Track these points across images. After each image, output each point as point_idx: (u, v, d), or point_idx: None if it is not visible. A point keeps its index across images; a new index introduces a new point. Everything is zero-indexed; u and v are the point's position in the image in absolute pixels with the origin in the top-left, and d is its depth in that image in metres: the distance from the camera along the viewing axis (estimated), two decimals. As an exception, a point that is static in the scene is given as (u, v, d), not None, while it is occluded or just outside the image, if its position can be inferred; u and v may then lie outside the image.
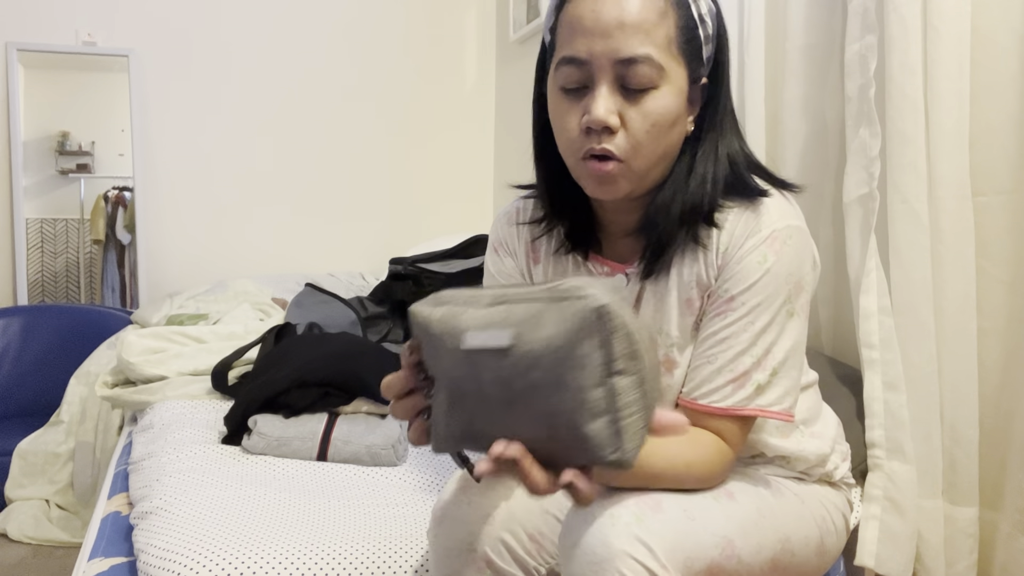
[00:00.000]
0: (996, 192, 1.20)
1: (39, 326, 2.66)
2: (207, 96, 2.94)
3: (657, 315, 0.92)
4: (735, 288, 0.87)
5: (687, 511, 0.82)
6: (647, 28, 0.81)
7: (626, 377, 0.64)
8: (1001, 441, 1.21)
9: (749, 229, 0.87)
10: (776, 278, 0.86)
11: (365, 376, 1.52)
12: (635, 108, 0.82)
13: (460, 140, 3.31)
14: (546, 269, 1.01)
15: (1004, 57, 1.18)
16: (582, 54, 0.82)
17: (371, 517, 1.16)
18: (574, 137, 0.85)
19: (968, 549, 1.21)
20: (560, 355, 0.63)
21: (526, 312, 0.65)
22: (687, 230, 0.88)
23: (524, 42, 3.04)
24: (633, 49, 0.81)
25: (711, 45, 0.87)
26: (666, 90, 0.83)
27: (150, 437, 1.50)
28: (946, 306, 1.20)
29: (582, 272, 0.98)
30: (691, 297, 0.91)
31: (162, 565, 1.00)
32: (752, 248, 0.87)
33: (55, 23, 2.77)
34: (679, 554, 0.78)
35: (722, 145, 0.89)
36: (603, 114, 0.82)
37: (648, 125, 0.83)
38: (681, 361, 0.92)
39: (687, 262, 0.90)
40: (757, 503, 0.90)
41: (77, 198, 2.93)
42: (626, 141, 0.83)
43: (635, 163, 0.84)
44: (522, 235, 1.03)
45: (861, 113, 1.25)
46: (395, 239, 3.15)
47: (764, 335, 0.87)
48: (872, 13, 1.23)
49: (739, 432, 0.89)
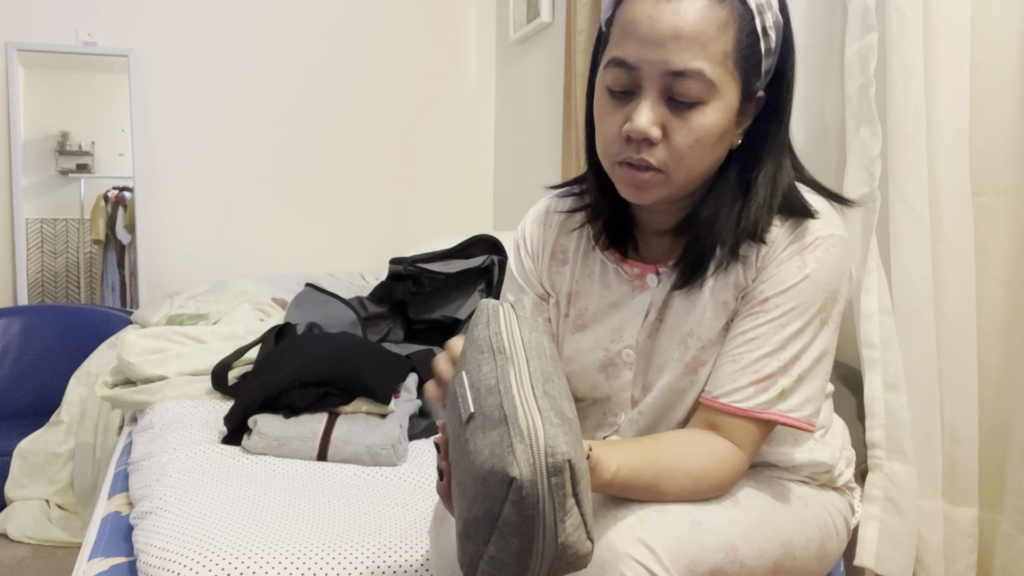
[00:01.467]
0: (996, 192, 1.20)
1: (39, 326, 2.66)
2: (207, 96, 2.94)
3: (688, 317, 0.91)
4: (771, 290, 0.86)
5: (692, 515, 0.82)
6: (703, 41, 0.77)
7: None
8: (1001, 441, 1.21)
9: (793, 235, 0.86)
10: (815, 285, 0.85)
11: (365, 376, 1.52)
12: (680, 121, 0.80)
13: (460, 140, 3.31)
14: (573, 270, 0.99)
15: (1004, 57, 1.18)
16: (632, 59, 0.80)
17: (371, 517, 1.16)
18: (613, 141, 0.83)
19: (968, 549, 1.21)
20: (480, 482, 0.66)
21: (490, 409, 0.68)
22: (731, 248, 0.86)
23: (524, 42, 3.04)
24: (685, 63, 0.77)
25: (772, 58, 0.83)
26: (715, 106, 0.80)
27: (150, 437, 1.50)
28: (946, 306, 1.20)
29: (609, 274, 0.96)
30: (727, 300, 0.89)
31: (162, 565, 1.00)
32: (794, 252, 0.86)
33: (55, 23, 2.77)
34: (683, 558, 0.77)
35: (782, 168, 0.86)
36: (645, 125, 0.79)
37: (692, 140, 0.80)
38: (709, 361, 0.90)
39: (731, 266, 0.88)
40: (761, 507, 0.89)
41: (77, 198, 2.93)
42: (666, 154, 0.81)
43: (674, 176, 0.82)
44: (548, 236, 1.01)
45: (861, 112, 1.25)
46: (395, 239, 3.15)
47: (795, 340, 0.86)
48: (873, 12, 1.23)
49: (757, 436, 0.87)
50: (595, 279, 0.97)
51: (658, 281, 0.93)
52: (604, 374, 0.96)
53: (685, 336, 0.91)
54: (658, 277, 0.93)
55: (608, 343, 0.95)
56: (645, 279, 0.93)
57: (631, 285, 0.94)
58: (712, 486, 0.85)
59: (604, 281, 0.96)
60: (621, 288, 0.95)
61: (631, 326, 0.94)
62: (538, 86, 2.94)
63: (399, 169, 3.22)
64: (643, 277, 0.93)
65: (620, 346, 0.95)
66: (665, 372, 0.92)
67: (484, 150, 3.36)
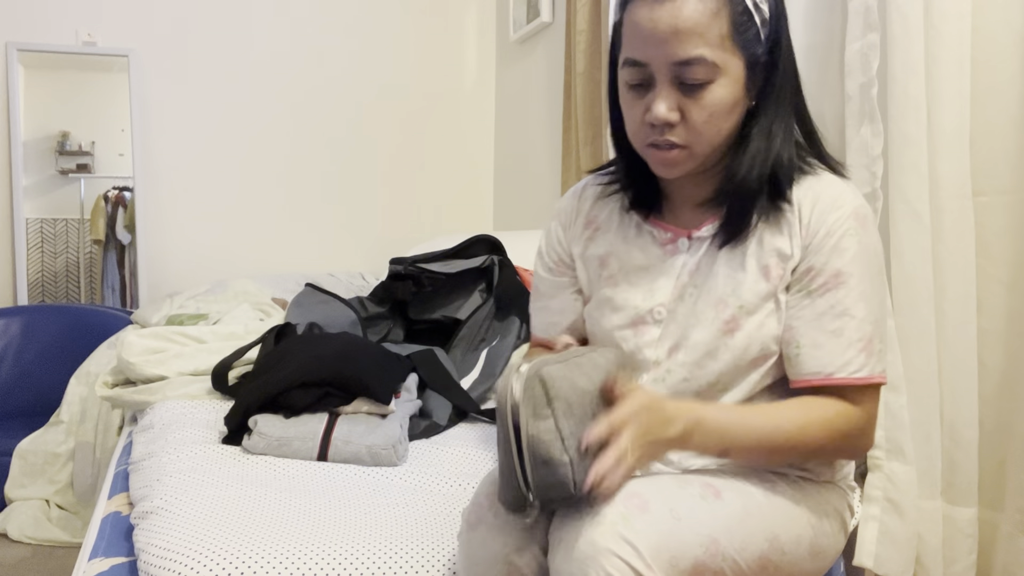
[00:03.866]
0: (996, 192, 1.20)
1: (39, 326, 2.66)
2: (207, 96, 2.94)
3: (728, 280, 0.96)
4: (839, 261, 0.92)
5: (673, 511, 0.83)
6: (700, 31, 0.87)
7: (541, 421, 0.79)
8: (1001, 441, 1.21)
9: (829, 204, 0.94)
10: (868, 250, 0.94)
11: (365, 376, 1.52)
12: (693, 102, 0.90)
13: (460, 140, 3.31)
14: (607, 234, 1.07)
15: (1004, 57, 1.18)
16: (641, 57, 0.90)
17: (371, 517, 1.16)
18: (639, 127, 0.94)
19: (967, 549, 1.21)
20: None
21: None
22: (766, 196, 0.95)
23: (524, 42, 3.04)
24: (687, 52, 0.87)
25: (768, 27, 0.92)
26: (722, 82, 0.89)
27: (150, 437, 1.50)
28: (946, 306, 1.20)
29: (644, 238, 1.03)
30: (769, 264, 0.95)
31: (163, 565, 1.00)
32: (840, 222, 0.93)
33: (55, 23, 2.77)
34: (664, 553, 0.79)
35: (779, 118, 0.95)
36: (663, 112, 0.90)
37: (706, 116, 0.90)
38: (746, 325, 0.95)
39: (769, 231, 0.95)
40: (744, 501, 0.90)
41: (77, 198, 2.93)
42: (686, 131, 0.91)
43: (696, 148, 0.92)
44: (582, 207, 1.11)
45: (863, 112, 1.25)
46: (395, 239, 3.16)
47: (871, 303, 0.93)
48: (874, 11, 1.23)
49: (873, 401, 0.94)
50: (630, 242, 1.05)
51: (689, 245, 1.00)
52: (632, 330, 1.02)
53: (725, 297, 0.96)
54: (689, 242, 1.00)
55: (639, 301, 1.02)
56: (677, 243, 1.01)
57: (663, 249, 1.02)
58: (822, 434, 0.91)
59: (639, 244, 1.04)
60: (654, 251, 1.03)
61: (663, 287, 1.01)
62: (538, 86, 2.94)
63: (399, 169, 3.22)
64: (675, 241, 1.01)
65: (652, 304, 1.01)
66: (697, 329, 0.97)
67: (484, 150, 3.36)
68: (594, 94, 2.37)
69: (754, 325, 0.95)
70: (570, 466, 0.78)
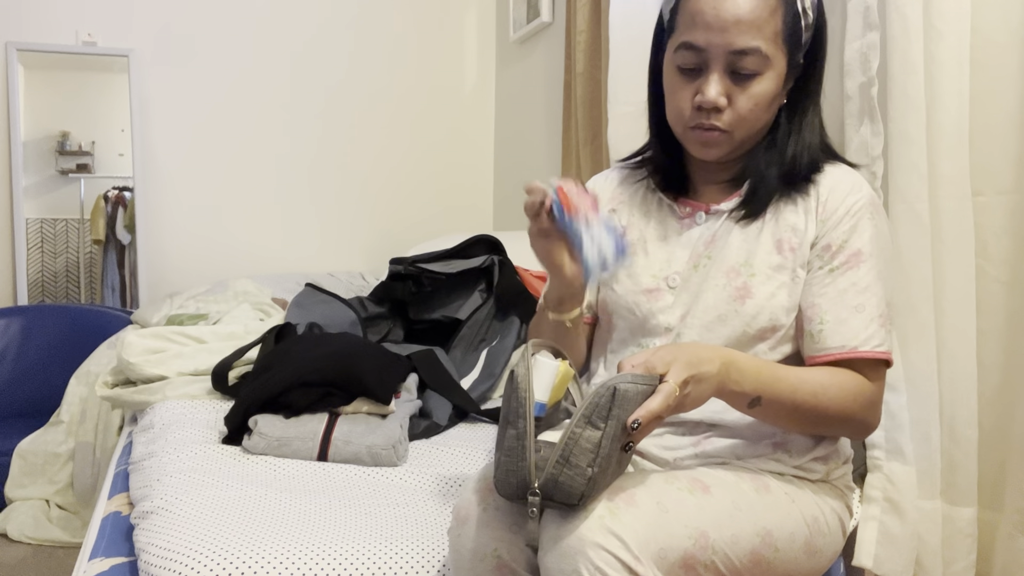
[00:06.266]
0: (996, 192, 1.20)
1: (39, 326, 2.66)
2: (207, 96, 2.94)
3: (741, 250, 1.02)
4: (858, 241, 0.99)
5: (660, 504, 0.84)
6: (759, 24, 0.94)
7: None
8: (1000, 441, 1.21)
9: (847, 188, 1.00)
10: (883, 235, 1.01)
11: (365, 376, 1.52)
12: (742, 90, 0.97)
13: (460, 140, 3.31)
14: (631, 209, 1.14)
15: (1004, 57, 1.18)
16: (700, 43, 0.96)
17: (371, 517, 1.16)
18: (685, 109, 1.00)
19: (966, 549, 1.21)
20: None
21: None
22: (788, 185, 1.01)
23: (524, 42, 3.04)
24: (746, 43, 0.94)
25: (810, 32, 0.99)
26: (769, 75, 0.97)
27: (150, 437, 1.50)
28: (946, 306, 1.20)
29: (664, 211, 1.10)
30: (783, 239, 1.01)
31: (163, 565, 1.00)
32: (859, 204, 0.99)
33: (55, 23, 2.77)
34: (652, 545, 0.79)
35: (813, 117, 1.04)
36: (715, 96, 0.96)
37: (751, 105, 0.97)
38: (756, 294, 0.99)
39: (786, 207, 1.02)
40: (733, 496, 0.91)
41: (77, 198, 2.93)
42: (731, 117, 0.98)
43: (737, 134, 1.00)
44: (606, 187, 1.18)
45: (863, 111, 1.25)
46: (395, 239, 3.16)
47: (887, 285, 1.00)
48: (874, 11, 1.23)
49: (883, 379, 1.00)
50: (650, 215, 1.12)
51: (706, 218, 1.06)
52: (646, 296, 1.07)
53: (738, 266, 1.01)
54: (707, 215, 1.06)
55: (655, 269, 1.07)
56: (695, 217, 1.07)
57: (681, 223, 1.08)
58: (838, 397, 0.95)
59: (658, 217, 1.11)
60: (672, 224, 1.09)
61: (679, 257, 1.06)
62: (538, 86, 2.94)
63: (399, 169, 3.22)
64: (693, 216, 1.08)
65: (669, 271, 1.06)
66: (709, 295, 1.02)
67: (484, 150, 3.36)
68: (594, 94, 2.37)
69: (764, 295, 0.99)
70: (589, 482, 0.79)
